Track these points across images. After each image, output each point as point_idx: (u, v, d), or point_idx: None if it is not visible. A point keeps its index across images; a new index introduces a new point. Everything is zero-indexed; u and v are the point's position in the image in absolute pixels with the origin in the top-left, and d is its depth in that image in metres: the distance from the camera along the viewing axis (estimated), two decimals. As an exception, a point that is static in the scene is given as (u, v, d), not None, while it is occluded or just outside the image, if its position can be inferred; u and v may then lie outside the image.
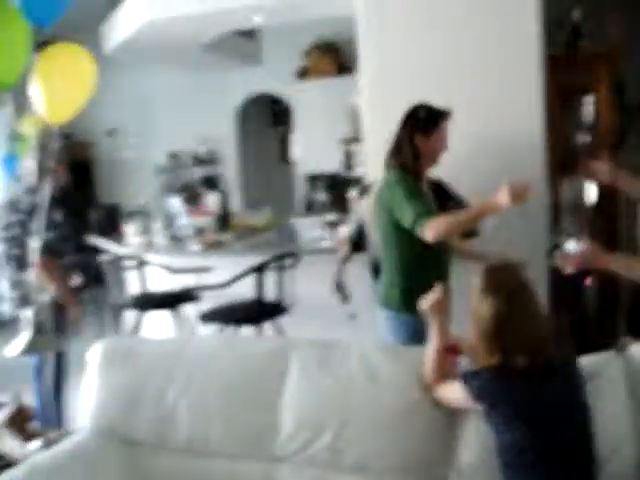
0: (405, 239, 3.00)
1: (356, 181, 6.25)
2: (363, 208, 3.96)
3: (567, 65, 4.35)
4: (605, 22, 4.43)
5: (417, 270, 3.04)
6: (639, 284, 2.51)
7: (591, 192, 4.41)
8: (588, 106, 4.44)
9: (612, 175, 2.74)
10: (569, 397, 2.03)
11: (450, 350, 2.39)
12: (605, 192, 4.29)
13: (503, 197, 2.60)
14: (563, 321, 2.85)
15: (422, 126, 3.09)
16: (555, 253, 2.49)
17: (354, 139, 6.45)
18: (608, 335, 3.16)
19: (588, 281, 2.80)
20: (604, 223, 4.35)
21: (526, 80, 3.94)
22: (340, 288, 4.05)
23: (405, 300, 2.99)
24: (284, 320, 4.42)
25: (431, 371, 2.28)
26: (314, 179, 8.29)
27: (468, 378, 2.08)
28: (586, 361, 2.20)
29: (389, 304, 3.11)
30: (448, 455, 2.26)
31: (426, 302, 2.35)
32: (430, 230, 2.79)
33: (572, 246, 2.46)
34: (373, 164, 4.12)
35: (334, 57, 7.75)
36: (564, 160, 4.29)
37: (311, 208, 8.22)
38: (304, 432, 2.34)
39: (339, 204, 7.00)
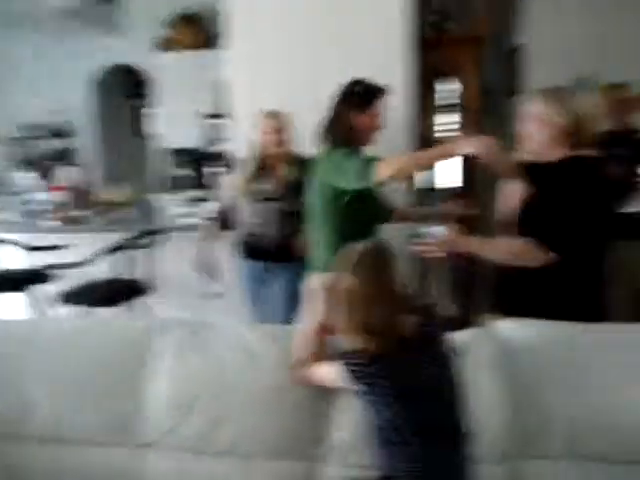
0: (344, 215, 2.94)
1: (219, 156, 6.14)
2: (232, 184, 3.87)
3: (436, 47, 4.44)
4: (471, 7, 4.56)
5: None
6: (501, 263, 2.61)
7: (453, 174, 4.55)
8: (455, 88, 4.56)
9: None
10: (441, 373, 2.06)
11: (323, 330, 2.38)
12: (467, 172, 4.44)
13: (466, 143, 2.50)
14: (431, 299, 2.91)
15: (357, 102, 3.00)
16: (414, 241, 2.56)
17: (219, 114, 6.32)
18: (473, 312, 3.27)
19: (459, 262, 2.88)
20: (465, 205, 4.49)
21: (397, 61, 3.98)
22: (207, 266, 3.96)
23: None
24: (149, 300, 4.27)
25: (305, 351, 2.25)
26: (175, 154, 8.05)
27: (344, 358, 2.06)
28: (455, 337, 2.24)
29: None
30: (321, 434, 2.25)
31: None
32: (385, 167, 2.65)
33: (435, 232, 2.54)
34: (241, 140, 4.05)
35: (198, 29, 7.52)
36: (433, 141, 4.40)
37: (172, 183, 7.99)
38: (173, 416, 2.25)
39: (201, 180, 6.87)
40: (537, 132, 2.62)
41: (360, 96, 3.01)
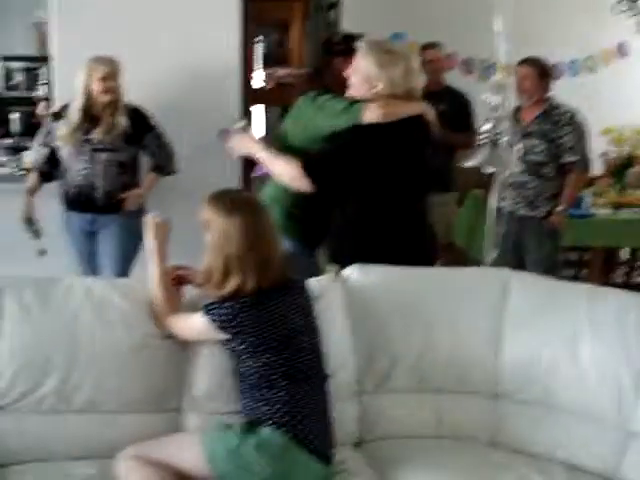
0: None
1: (32, 102, 5.72)
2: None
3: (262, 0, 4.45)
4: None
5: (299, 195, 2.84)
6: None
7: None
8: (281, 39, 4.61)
9: None
10: (305, 320, 2.15)
11: (178, 281, 2.37)
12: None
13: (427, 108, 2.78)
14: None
15: (341, 50, 3.07)
16: (220, 136, 2.61)
17: (38, 57, 5.86)
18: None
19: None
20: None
21: (224, 9, 3.95)
22: (30, 222, 3.71)
23: (286, 225, 2.86)
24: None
25: (163, 302, 2.23)
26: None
27: (211, 308, 2.07)
28: (310, 285, 2.33)
29: None
30: (181, 385, 2.26)
31: (147, 227, 2.31)
32: (374, 108, 2.67)
33: (237, 125, 2.61)
34: (63, 85, 3.86)
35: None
36: (258, 89, 4.43)
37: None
38: (25, 379, 2.13)
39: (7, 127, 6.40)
40: (361, 87, 2.70)
41: (343, 44, 3.11)
